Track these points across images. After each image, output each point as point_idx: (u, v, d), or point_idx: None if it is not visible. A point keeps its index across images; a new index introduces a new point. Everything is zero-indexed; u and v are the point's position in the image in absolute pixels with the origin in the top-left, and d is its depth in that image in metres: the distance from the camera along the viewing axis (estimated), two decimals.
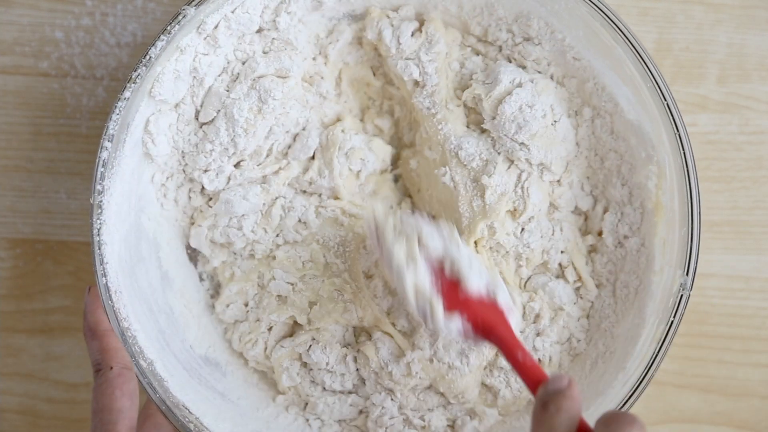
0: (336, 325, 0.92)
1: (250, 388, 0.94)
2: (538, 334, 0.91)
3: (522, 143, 0.88)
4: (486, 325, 0.81)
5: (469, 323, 0.81)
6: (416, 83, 0.92)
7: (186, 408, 0.85)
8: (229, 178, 0.91)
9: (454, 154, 0.90)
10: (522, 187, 0.90)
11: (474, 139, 0.91)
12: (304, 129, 0.93)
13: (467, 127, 0.93)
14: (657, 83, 0.84)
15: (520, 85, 0.89)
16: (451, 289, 0.82)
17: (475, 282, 0.82)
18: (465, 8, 0.91)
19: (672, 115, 0.84)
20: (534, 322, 0.91)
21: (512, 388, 0.91)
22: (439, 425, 0.92)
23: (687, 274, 0.83)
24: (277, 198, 0.93)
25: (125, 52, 1.00)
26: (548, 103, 0.89)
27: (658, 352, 0.83)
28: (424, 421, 0.91)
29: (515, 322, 0.82)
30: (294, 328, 0.94)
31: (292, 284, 0.92)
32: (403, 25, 0.91)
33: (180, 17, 0.84)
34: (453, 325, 0.81)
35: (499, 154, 0.89)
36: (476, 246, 0.91)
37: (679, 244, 0.84)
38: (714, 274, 1.00)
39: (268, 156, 0.92)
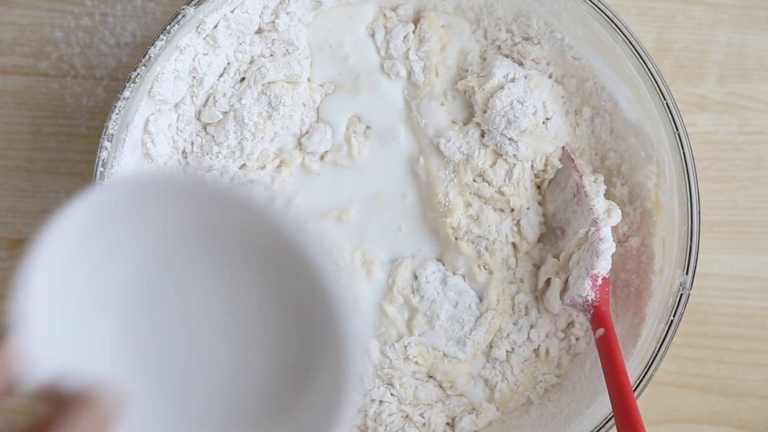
0: None
1: None
2: (532, 326, 0.91)
3: (511, 139, 0.88)
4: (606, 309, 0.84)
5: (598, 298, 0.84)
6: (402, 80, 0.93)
7: None
8: (232, 179, 0.91)
9: (434, 147, 0.91)
10: (512, 181, 0.90)
11: (455, 133, 0.91)
12: (317, 122, 0.93)
13: (453, 122, 0.93)
14: (656, 83, 0.84)
15: (513, 80, 0.89)
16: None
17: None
18: (464, 8, 0.91)
19: (671, 114, 0.84)
20: (526, 315, 0.91)
21: (509, 381, 0.91)
22: (439, 422, 0.92)
23: (687, 273, 0.83)
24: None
25: (125, 52, 1.00)
26: (540, 100, 0.89)
27: (658, 351, 0.83)
28: (423, 418, 0.91)
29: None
30: None
31: None
32: (395, 30, 0.91)
33: (179, 17, 0.84)
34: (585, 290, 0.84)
35: (487, 147, 0.90)
36: (456, 239, 0.91)
37: (678, 244, 0.84)
38: (714, 273, 1.00)
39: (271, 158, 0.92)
